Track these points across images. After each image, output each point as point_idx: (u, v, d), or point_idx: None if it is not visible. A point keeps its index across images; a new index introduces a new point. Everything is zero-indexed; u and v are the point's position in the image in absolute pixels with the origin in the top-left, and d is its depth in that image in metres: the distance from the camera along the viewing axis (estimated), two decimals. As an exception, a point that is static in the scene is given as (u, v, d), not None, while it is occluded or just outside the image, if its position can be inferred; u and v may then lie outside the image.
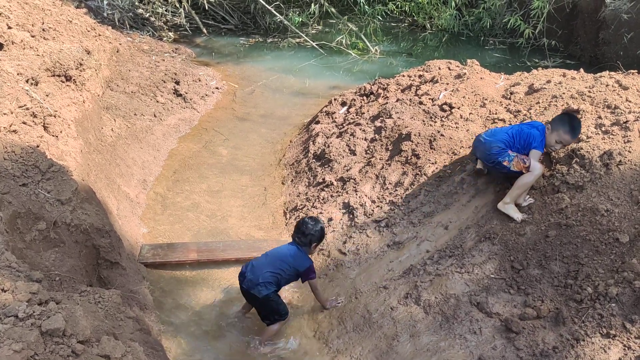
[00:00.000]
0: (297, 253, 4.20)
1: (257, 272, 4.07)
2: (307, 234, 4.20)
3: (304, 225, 4.24)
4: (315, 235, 4.22)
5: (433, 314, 3.98)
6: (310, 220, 4.28)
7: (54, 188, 3.78)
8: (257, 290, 4.03)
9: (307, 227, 4.22)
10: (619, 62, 8.61)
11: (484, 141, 4.51)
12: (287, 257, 4.16)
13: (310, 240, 4.22)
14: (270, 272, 4.07)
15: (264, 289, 4.03)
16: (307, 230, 4.20)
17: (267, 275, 4.05)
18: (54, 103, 4.93)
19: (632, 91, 4.92)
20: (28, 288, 2.42)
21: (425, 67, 7.16)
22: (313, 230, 4.20)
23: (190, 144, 7.41)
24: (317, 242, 4.28)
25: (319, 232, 4.24)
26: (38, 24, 5.89)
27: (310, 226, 4.22)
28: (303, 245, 4.22)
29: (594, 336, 3.43)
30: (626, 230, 3.81)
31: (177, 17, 12.54)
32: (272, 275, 4.07)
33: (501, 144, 4.37)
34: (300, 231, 4.24)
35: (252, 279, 4.06)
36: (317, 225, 4.26)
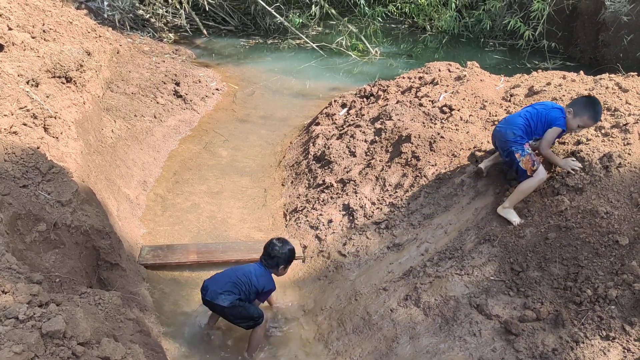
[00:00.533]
0: (263, 273, 4.07)
1: (219, 283, 3.98)
2: (273, 256, 4.07)
3: (270, 246, 4.10)
4: (282, 257, 4.08)
5: (433, 315, 3.98)
6: (277, 242, 4.12)
7: (55, 189, 3.78)
8: (221, 299, 3.91)
9: (273, 249, 4.08)
10: (618, 64, 8.63)
11: (499, 129, 4.48)
12: (250, 275, 4.02)
13: (277, 262, 4.08)
14: (233, 282, 3.95)
15: (227, 298, 3.90)
16: (273, 252, 4.07)
17: (229, 286, 3.94)
18: (54, 104, 4.94)
19: (632, 93, 4.93)
20: (28, 290, 2.42)
21: (425, 68, 7.17)
22: (280, 253, 4.06)
23: (191, 145, 7.42)
24: (284, 264, 4.14)
25: (286, 254, 4.10)
26: (39, 25, 5.90)
27: (277, 248, 4.07)
28: (270, 267, 4.10)
29: (594, 338, 3.43)
30: (626, 232, 3.81)
31: (178, 18, 12.56)
32: (234, 286, 3.95)
33: (517, 129, 4.30)
34: (267, 253, 4.10)
35: (215, 289, 3.95)
36: (285, 247, 4.10)
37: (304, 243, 5.27)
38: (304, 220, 5.52)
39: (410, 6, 12.90)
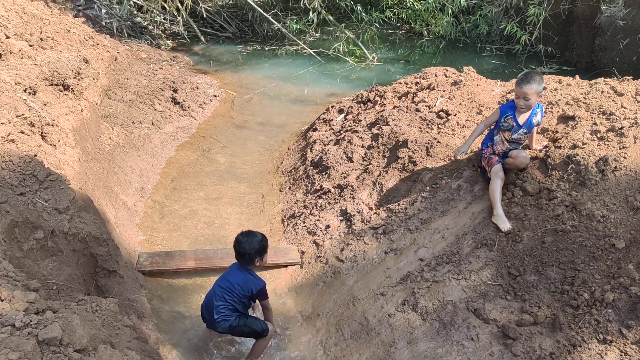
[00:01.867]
0: (244, 277, 3.90)
1: (210, 309, 3.88)
2: (243, 254, 3.87)
3: (237, 245, 3.89)
4: (252, 250, 3.86)
5: (430, 320, 3.99)
6: (242, 237, 3.89)
7: (52, 197, 3.79)
8: (220, 326, 3.85)
9: (241, 246, 3.86)
10: (614, 69, 8.67)
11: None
12: (234, 285, 3.88)
13: (250, 258, 3.88)
14: (223, 305, 3.84)
15: (224, 322, 3.84)
16: (242, 250, 3.86)
17: (221, 309, 3.83)
18: (51, 112, 4.95)
19: (627, 97, 4.95)
20: (25, 297, 2.43)
21: (422, 74, 7.20)
22: (248, 248, 3.85)
23: (188, 151, 7.43)
24: (259, 256, 3.91)
25: (256, 246, 3.86)
26: (36, 33, 5.91)
27: (245, 244, 3.86)
28: (247, 265, 3.93)
29: (591, 342, 3.43)
30: (622, 236, 3.82)
31: (175, 25, 12.60)
32: (225, 307, 3.84)
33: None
34: (236, 252, 3.91)
35: (210, 319, 3.89)
36: (252, 240, 3.87)
37: (302, 249, 5.27)
38: (302, 225, 5.53)
39: (407, 12, 12.96)
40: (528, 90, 4.30)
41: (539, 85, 4.32)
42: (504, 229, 4.28)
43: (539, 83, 4.32)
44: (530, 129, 4.54)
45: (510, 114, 4.54)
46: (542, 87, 4.36)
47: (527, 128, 4.53)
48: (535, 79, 4.31)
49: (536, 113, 4.51)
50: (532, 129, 4.55)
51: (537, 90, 4.33)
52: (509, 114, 4.55)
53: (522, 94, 4.36)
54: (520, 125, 4.53)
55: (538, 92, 4.35)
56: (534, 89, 4.30)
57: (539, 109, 4.52)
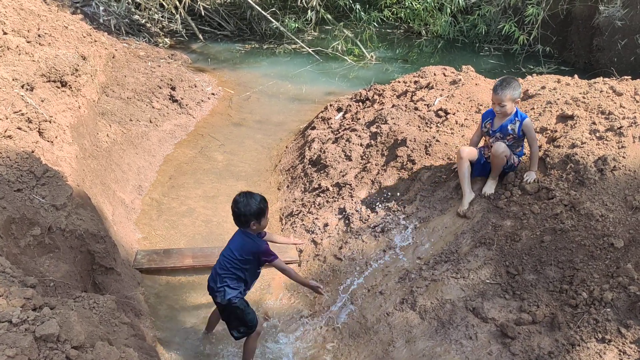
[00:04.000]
0: (242, 242, 3.72)
1: (214, 278, 3.78)
2: (239, 215, 3.65)
3: (234, 204, 3.66)
4: (248, 212, 3.61)
5: (429, 319, 3.98)
6: (240, 197, 3.66)
7: (49, 193, 3.77)
8: (220, 296, 3.72)
9: (237, 206, 3.64)
10: (612, 68, 8.67)
11: None
12: (234, 252, 3.72)
13: (246, 220, 3.64)
14: (225, 273, 3.71)
15: (226, 293, 3.70)
16: (237, 210, 3.64)
17: (225, 278, 3.71)
18: (49, 109, 4.93)
19: (626, 97, 4.96)
20: (22, 293, 2.41)
21: (421, 73, 7.19)
22: (245, 209, 3.61)
23: (186, 149, 7.41)
24: (255, 218, 3.65)
25: (254, 207, 3.62)
26: (34, 29, 5.88)
27: (241, 205, 3.62)
28: (246, 228, 3.71)
29: (590, 341, 3.43)
30: (621, 235, 3.82)
31: (173, 23, 12.56)
32: (228, 276, 3.71)
33: None
34: (233, 213, 3.69)
35: (212, 287, 3.77)
36: (249, 200, 3.63)
37: (300, 247, 5.26)
38: (300, 224, 5.51)
39: (405, 11, 12.94)
40: (502, 96, 4.35)
41: (514, 91, 4.34)
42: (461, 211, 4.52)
43: (514, 89, 4.34)
44: (505, 134, 4.51)
45: (489, 119, 4.63)
46: (517, 92, 4.37)
47: (501, 132, 4.53)
48: (510, 86, 4.34)
49: (514, 121, 4.46)
50: (506, 135, 4.51)
51: (512, 96, 4.35)
52: (489, 119, 4.63)
53: (496, 100, 4.42)
54: (494, 130, 4.57)
55: (513, 98, 4.37)
56: (508, 96, 4.34)
57: (518, 119, 4.45)
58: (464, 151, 4.62)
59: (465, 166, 4.63)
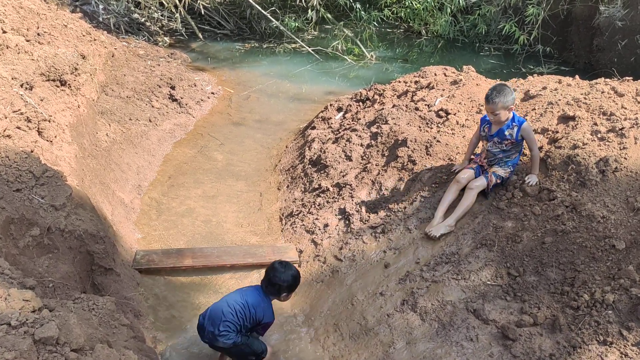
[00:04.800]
0: (261, 302, 3.67)
1: (216, 322, 3.61)
2: (274, 283, 3.65)
3: (272, 271, 3.67)
4: (284, 284, 3.66)
5: (429, 321, 3.96)
6: (280, 267, 3.68)
7: (48, 193, 3.75)
8: (222, 340, 3.59)
9: (275, 274, 3.65)
10: (613, 69, 8.66)
11: None
12: (248, 305, 3.65)
13: (278, 289, 3.67)
14: (231, 322, 3.59)
15: (228, 339, 3.59)
16: (274, 279, 3.64)
17: (229, 324, 3.59)
18: (48, 108, 4.90)
19: (627, 98, 4.94)
20: (21, 295, 2.39)
21: (421, 73, 7.17)
22: (281, 280, 3.64)
23: (186, 149, 7.39)
24: (287, 291, 3.72)
25: (289, 281, 3.67)
26: (33, 28, 5.86)
27: (279, 274, 3.64)
28: (270, 294, 3.70)
29: (591, 343, 3.42)
30: (622, 236, 3.81)
31: (173, 22, 12.53)
32: (233, 323, 3.61)
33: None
34: (267, 278, 3.69)
35: (212, 331, 3.61)
36: (288, 274, 3.67)
37: (300, 247, 5.24)
38: (300, 224, 5.50)
39: (405, 11, 12.92)
40: (494, 106, 4.36)
41: (506, 99, 4.33)
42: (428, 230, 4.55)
43: (506, 96, 4.33)
44: (503, 139, 4.51)
45: (487, 124, 4.64)
46: (510, 99, 4.35)
47: (498, 137, 4.54)
48: (501, 94, 4.32)
49: (511, 127, 4.46)
50: (504, 140, 4.51)
51: (504, 104, 4.35)
52: (487, 124, 4.64)
53: (489, 110, 4.44)
54: (491, 135, 4.57)
55: (505, 106, 4.36)
56: (500, 104, 4.34)
57: (515, 124, 4.45)
58: (463, 175, 4.64)
59: (453, 192, 4.66)
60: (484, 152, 4.73)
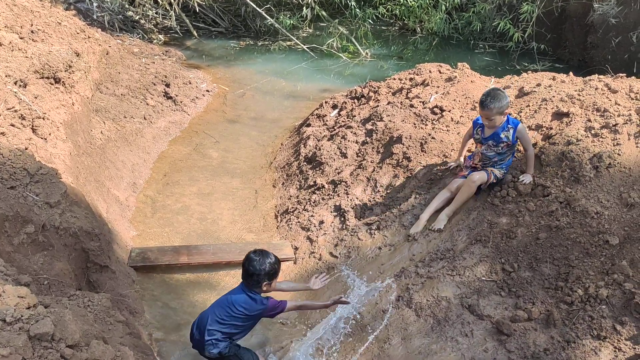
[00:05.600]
0: (246, 300, 3.56)
1: (202, 329, 3.54)
2: (251, 274, 3.52)
3: (247, 262, 3.54)
4: (262, 272, 3.51)
5: (425, 316, 3.98)
6: (255, 256, 3.55)
7: (43, 191, 3.74)
8: (208, 350, 3.52)
9: (251, 264, 3.52)
10: (607, 66, 8.69)
11: None
12: (235, 304, 3.55)
13: (257, 280, 3.53)
14: (217, 329, 3.53)
15: (214, 347, 3.51)
16: (250, 269, 3.52)
17: (214, 332, 3.51)
18: (42, 105, 4.89)
19: (621, 94, 4.96)
20: (16, 292, 2.39)
21: (416, 70, 7.18)
22: (259, 269, 3.50)
23: (181, 146, 7.38)
24: (267, 279, 3.56)
25: (267, 268, 3.52)
26: (27, 25, 5.84)
27: (256, 263, 3.51)
28: (252, 286, 3.57)
29: (585, 338, 3.44)
30: (616, 232, 3.83)
31: (168, 19, 12.49)
32: (219, 331, 3.53)
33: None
34: (244, 271, 3.56)
35: (199, 339, 3.54)
36: (264, 261, 3.53)
37: (296, 244, 5.25)
38: (295, 221, 5.50)
39: (400, 8, 12.92)
40: (489, 112, 4.37)
41: (501, 103, 4.33)
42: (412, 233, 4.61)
43: (501, 101, 4.33)
44: (498, 142, 4.51)
45: (480, 127, 4.62)
46: (505, 104, 4.35)
47: (493, 140, 4.53)
48: (495, 99, 4.32)
49: (506, 129, 4.46)
50: (500, 143, 4.51)
51: (499, 109, 4.36)
52: (480, 127, 4.63)
53: (484, 115, 4.45)
54: (486, 137, 4.56)
55: (501, 111, 4.37)
56: (495, 110, 4.34)
57: (511, 126, 4.45)
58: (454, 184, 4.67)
59: (445, 196, 4.68)
60: (477, 155, 4.71)
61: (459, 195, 4.58)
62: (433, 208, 4.69)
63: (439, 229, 4.54)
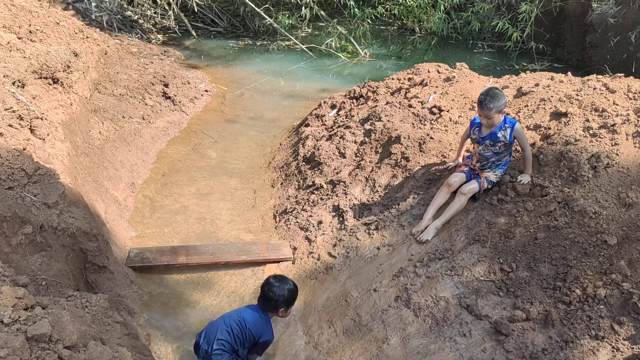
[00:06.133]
0: (258, 319, 3.55)
1: (210, 339, 3.52)
2: (270, 299, 3.53)
3: (267, 287, 3.55)
4: (280, 299, 3.53)
5: (423, 316, 3.98)
6: (275, 282, 3.56)
7: (41, 191, 3.73)
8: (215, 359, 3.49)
9: (270, 289, 3.53)
10: (606, 66, 8.70)
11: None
12: (245, 323, 3.53)
13: (275, 305, 3.55)
14: (225, 341, 3.48)
15: (221, 357, 3.47)
16: (270, 294, 3.52)
17: (224, 343, 3.48)
18: (40, 106, 4.88)
19: (619, 94, 4.96)
20: (14, 293, 2.38)
21: (415, 70, 7.18)
22: (277, 295, 3.51)
23: (179, 146, 7.38)
24: (284, 306, 3.59)
25: (286, 295, 3.54)
26: (25, 25, 5.83)
27: (275, 289, 3.52)
28: (268, 310, 3.58)
29: (583, 338, 3.44)
30: (614, 232, 3.84)
31: (166, 19, 12.49)
32: (228, 342, 3.49)
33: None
34: (263, 294, 3.57)
35: (206, 349, 3.50)
36: (284, 287, 3.54)
37: (294, 244, 5.25)
38: (294, 221, 5.50)
39: (399, 8, 12.93)
40: (488, 111, 4.37)
41: (499, 102, 4.34)
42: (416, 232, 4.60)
43: (499, 100, 4.34)
44: (495, 142, 4.51)
45: (477, 127, 4.63)
46: (503, 103, 4.36)
47: (490, 139, 4.53)
48: (494, 99, 4.33)
49: (504, 128, 4.47)
50: (497, 142, 4.51)
51: (498, 109, 4.36)
52: (477, 127, 4.63)
53: (483, 114, 4.45)
54: (483, 137, 4.56)
55: (499, 110, 4.38)
56: (493, 109, 4.35)
57: (508, 125, 4.46)
58: (453, 179, 4.63)
59: (444, 196, 4.66)
60: (475, 155, 4.72)
61: (450, 208, 4.57)
62: (436, 205, 4.67)
63: (427, 240, 4.54)
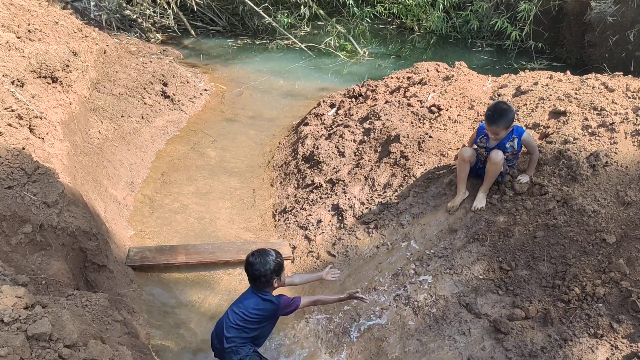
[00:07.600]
0: (258, 302, 3.47)
1: (221, 337, 3.47)
2: (258, 277, 3.44)
3: (250, 267, 3.45)
4: (268, 272, 3.42)
5: (422, 315, 3.99)
6: (254, 259, 3.45)
7: (40, 190, 3.74)
8: (229, 358, 3.44)
9: (255, 268, 3.42)
10: (604, 65, 8.71)
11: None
12: (250, 311, 3.45)
13: (267, 280, 3.44)
14: (235, 336, 3.44)
15: (235, 354, 3.42)
16: (256, 273, 3.43)
17: (233, 339, 3.43)
18: (40, 105, 4.88)
19: (618, 93, 4.97)
20: (14, 292, 2.39)
21: (414, 69, 7.18)
22: (264, 270, 3.41)
23: (179, 145, 7.37)
24: (275, 276, 3.48)
25: (272, 266, 3.43)
26: (24, 25, 5.82)
27: (258, 266, 3.41)
28: (262, 288, 3.49)
29: (582, 336, 3.45)
30: (613, 230, 3.85)
31: (165, 18, 12.48)
32: (238, 337, 3.44)
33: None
34: (249, 276, 3.49)
35: (220, 348, 3.47)
36: (266, 259, 3.44)
37: (293, 243, 5.25)
38: (293, 220, 5.51)
39: (398, 7, 12.92)
40: (495, 129, 4.35)
41: (507, 119, 4.29)
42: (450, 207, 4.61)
43: (507, 116, 4.29)
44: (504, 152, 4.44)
45: (485, 136, 4.57)
46: (511, 118, 4.32)
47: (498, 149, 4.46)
48: (502, 116, 4.28)
49: (511, 139, 4.44)
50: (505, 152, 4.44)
51: (506, 125, 4.32)
52: (484, 135, 4.58)
53: (491, 131, 4.40)
54: (490, 148, 4.51)
55: (506, 126, 4.33)
56: (502, 126, 4.32)
57: (515, 136, 4.43)
58: (466, 153, 4.53)
59: (465, 168, 4.58)
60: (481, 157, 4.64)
61: (489, 175, 4.45)
62: (464, 177, 4.61)
63: (482, 207, 4.48)
